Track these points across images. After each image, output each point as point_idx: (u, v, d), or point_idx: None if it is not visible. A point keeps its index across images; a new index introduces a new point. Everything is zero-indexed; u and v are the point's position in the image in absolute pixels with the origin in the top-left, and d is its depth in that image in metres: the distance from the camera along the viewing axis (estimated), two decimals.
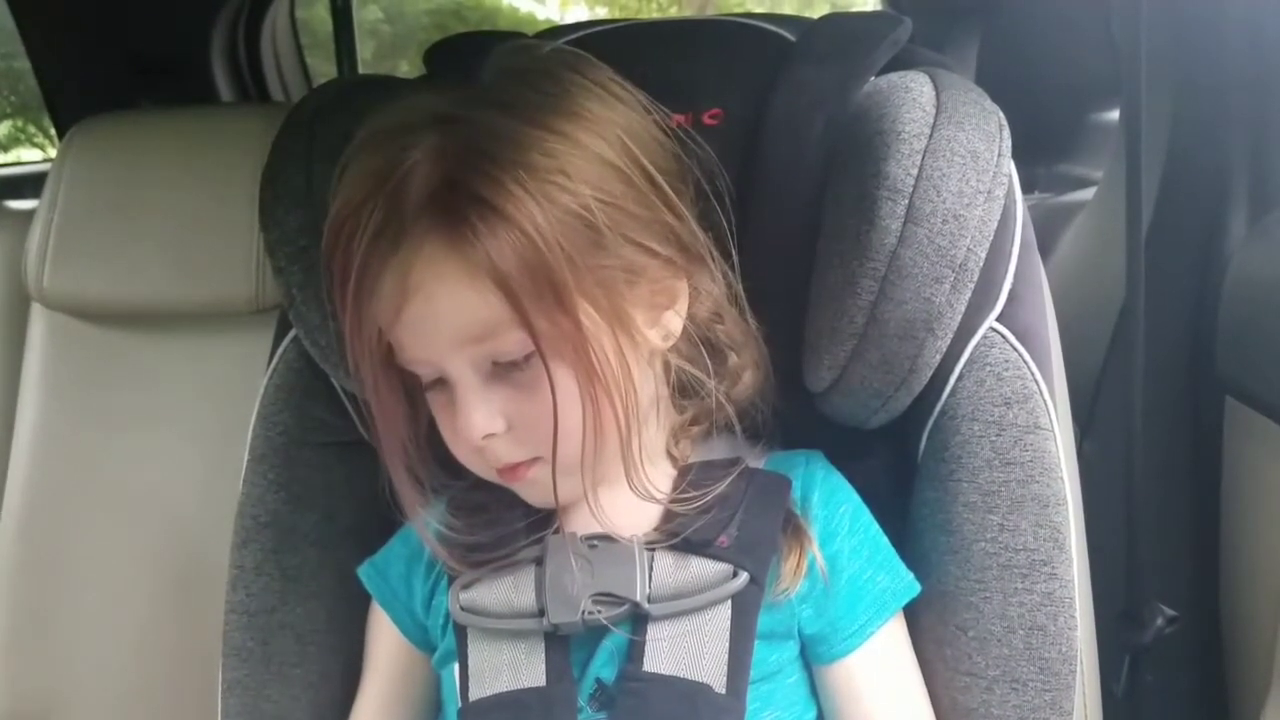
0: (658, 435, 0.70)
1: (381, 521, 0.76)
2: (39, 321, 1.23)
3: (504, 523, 0.68)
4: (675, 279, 0.66)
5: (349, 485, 0.80)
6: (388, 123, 0.62)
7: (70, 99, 1.71)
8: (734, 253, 0.69)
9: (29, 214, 1.22)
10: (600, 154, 0.61)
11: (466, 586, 0.68)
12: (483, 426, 0.62)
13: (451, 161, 0.58)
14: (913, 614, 0.72)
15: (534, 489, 0.66)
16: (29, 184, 1.67)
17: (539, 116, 0.60)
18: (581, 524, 0.68)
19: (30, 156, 3.37)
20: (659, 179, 0.64)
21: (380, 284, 0.60)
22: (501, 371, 0.62)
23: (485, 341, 0.60)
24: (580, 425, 0.61)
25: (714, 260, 0.68)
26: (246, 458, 0.80)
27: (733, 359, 0.71)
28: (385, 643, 0.76)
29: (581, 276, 0.59)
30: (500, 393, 0.62)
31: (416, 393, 0.67)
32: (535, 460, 0.64)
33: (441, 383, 0.64)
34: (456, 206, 0.58)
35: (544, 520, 0.68)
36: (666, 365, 0.68)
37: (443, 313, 0.60)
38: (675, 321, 0.67)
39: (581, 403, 0.61)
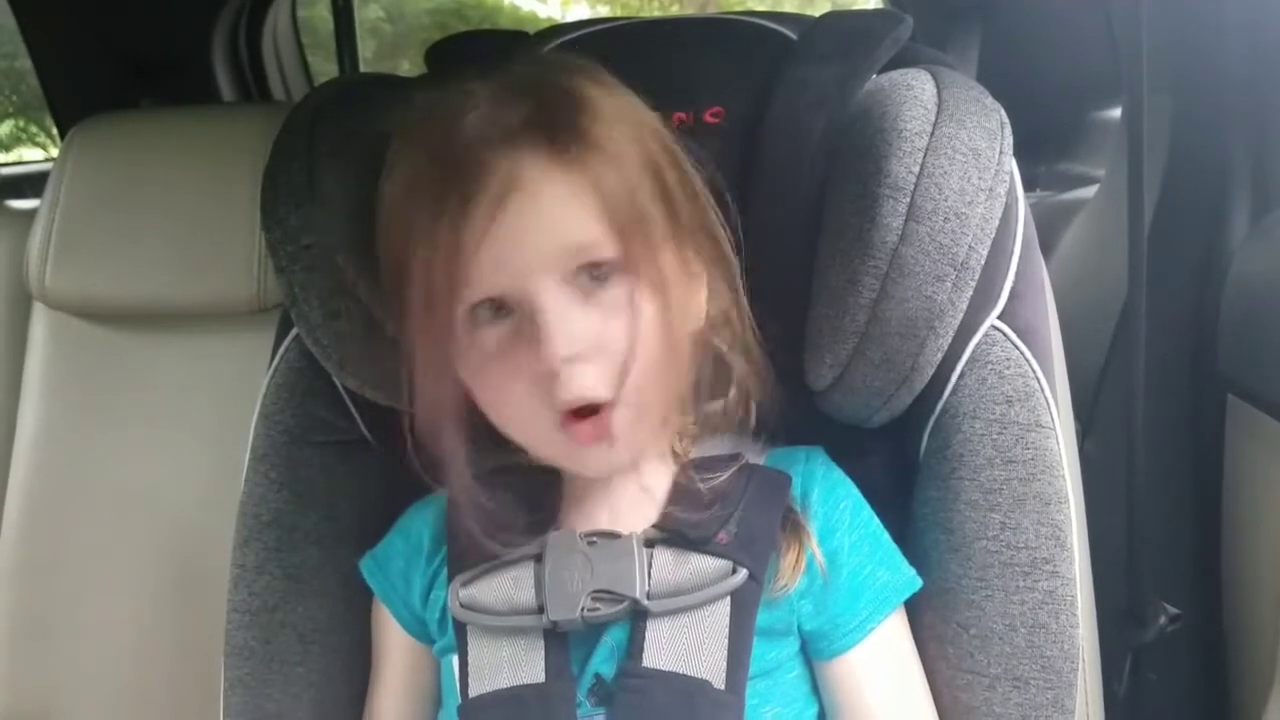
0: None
1: (383, 520, 0.77)
2: (41, 321, 1.23)
3: (504, 519, 0.68)
4: (703, 258, 0.67)
5: (350, 484, 0.80)
6: (454, 84, 0.63)
7: (72, 99, 1.71)
8: (735, 250, 0.69)
9: (31, 213, 1.22)
10: (652, 126, 0.65)
11: (466, 583, 0.68)
12: (569, 343, 0.59)
13: (545, 94, 0.61)
14: (914, 612, 0.72)
15: (601, 451, 0.63)
16: (30, 183, 1.67)
17: (601, 84, 0.64)
18: (580, 521, 0.68)
19: (32, 156, 3.37)
20: (687, 164, 0.66)
21: (478, 188, 0.59)
22: (585, 292, 0.61)
23: (580, 252, 0.60)
24: (655, 357, 0.61)
25: (726, 252, 0.69)
26: (248, 457, 0.80)
27: (736, 353, 0.71)
28: (394, 635, 0.76)
29: (659, 219, 0.62)
30: (584, 313, 0.60)
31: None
32: (610, 409, 0.61)
33: (505, 316, 0.61)
34: (558, 126, 0.60)
35: (544, 517, 0.69)
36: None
37: (546, 213, 0.59)
38: (701, 300, 0.68)
39: (660, 330, 0.61)
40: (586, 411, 0.61)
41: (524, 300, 0.60)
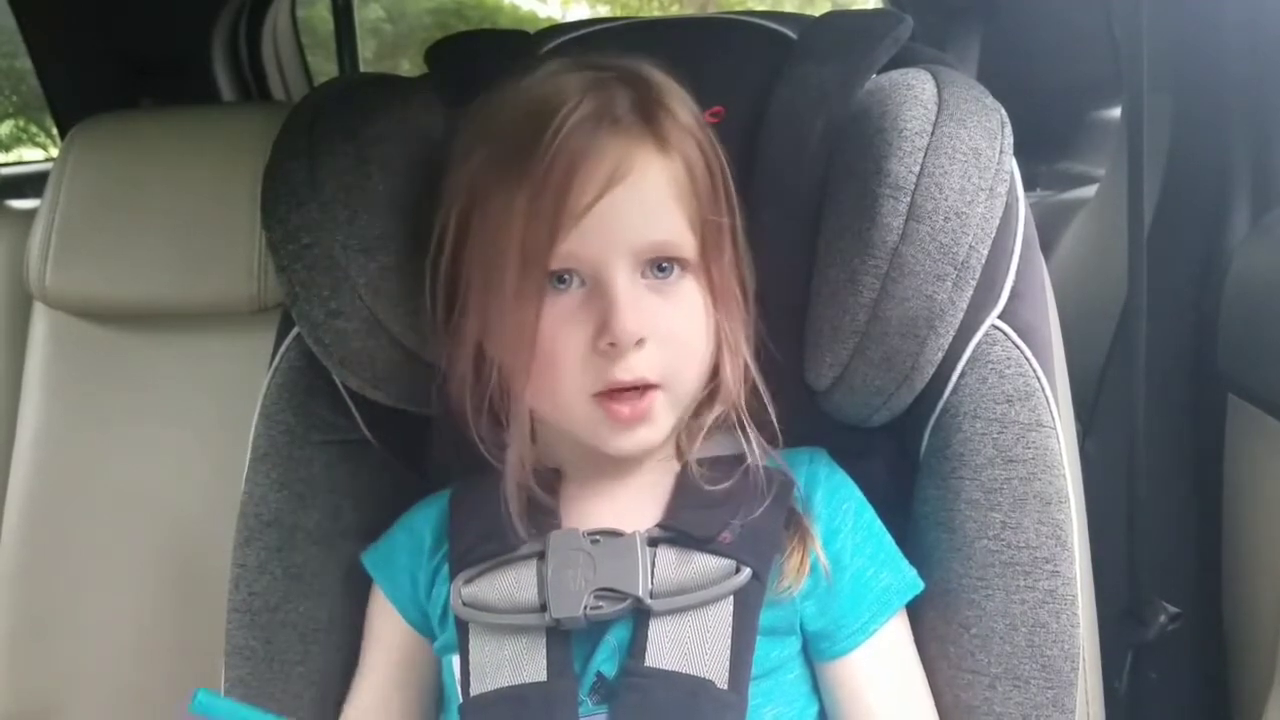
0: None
1: (384, 519, 0.77)
2: (41, 321, 1.23)
3: (507, 516, 0.68)
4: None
5: (351, 483, 0.80)
6: (538, 74, 0.67)
7: (72, 98, 1.71)
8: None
9: (31, 213, 1.22)
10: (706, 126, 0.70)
11: (469, 581, 0.68)
12: (638, 325, 0.62)
13: (641, 82, 0.66)
14: (915, 611, 0.72)
15: (637, 431, 0.66)
16: (31, 183, 1.67)
17: (681, 100, 0.69)
18: (583, 519, 0.68)
19: (32, 156, 3.37)
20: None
21: (591, 167, 0.62)
22: (649, 282, 0.65)
23: (663, 246, 0.64)
24: (699, 351, 0.67)
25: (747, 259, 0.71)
26: (249, 456, 0.80)
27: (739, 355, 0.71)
28: (388, 630, 0.75)
29: (726, 215, 0.68)
30: (649, 301, 0.64)
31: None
32: (653, 391, 0.65)
33: (569, 288, 0.64)
34: (657, 116, 0.65)
35: (546, 516, 0.68)
36: None
37: (648, 202, 0.64)
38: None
39: (708, 326, 0.67)
40: (627, 393, 0.64)
41: (599, 275, 0.63)
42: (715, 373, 0.69)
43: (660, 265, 0.65)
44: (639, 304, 0.63)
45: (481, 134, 0.67)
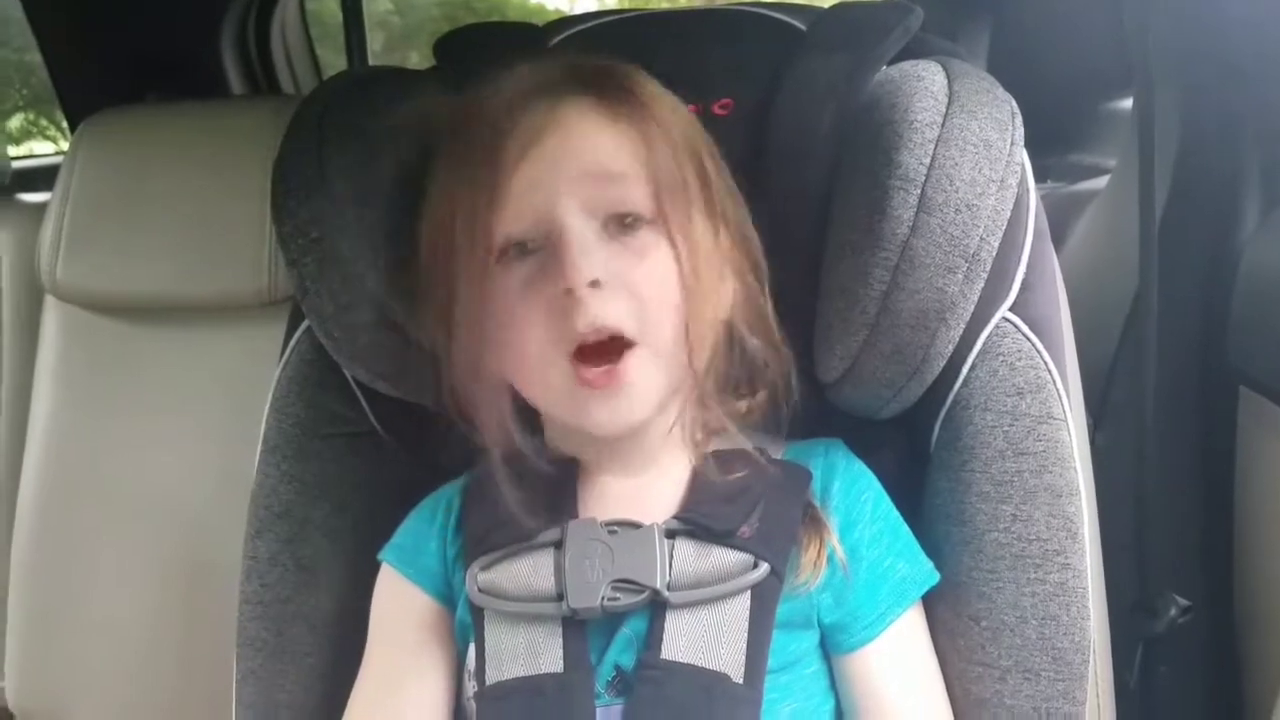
0: (687, 411, 0.69)
1: (393, 511, 0.77)
2: (52, 314, 1.23)
3: (525, 504, 0.68)
4: (736, 250, 0.69)
5: (361, 476, 0.80)
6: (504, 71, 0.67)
7: (82, 92, 1.72)
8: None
9: (41, 207, 1.23)
10: (692, 117, 0.69)
11: (485, 568, 0.67)
12: (589, 266, 0.61)
13: (600, 69, 0.66)
14: (926, 605, 0.72)
15: (615, 400, 0.64)
16: (41, 177, 1.68)
17: (639, 80, 0.67)
18: (600, 510, 0.68)
19: (43, 150, 3.38)
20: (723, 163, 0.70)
21: (515, 126, 0.62)
22: (611, 231, 0.63)
23: (612, 185, 0.63)
24: (675, 305, 0.63)
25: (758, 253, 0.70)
26: (259, 449, 0.80)
27: (758, 344, 0.71)
28: (409, 605, 0.72)
29: (696, 191, 0.66)
30: (607, 249, 0.63)
31: None
32: (628, 354, 0.63)
33: (528, 253, 0.64)
34: (610, 88, 0.65)
35: (564, 505, 0.68)
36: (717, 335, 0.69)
37: (578, 143, 0.63)
38: (730, 288, 0.69)
39: (683, 280, 0.63)
40: (600, 356, 0.62)
41: (550, 229, 0.62)
42: (740, 369, 0.70)
43: (623, 220, 0.63)
44: (593, 247, 0.62)
45: (449, 131, 0.68)
